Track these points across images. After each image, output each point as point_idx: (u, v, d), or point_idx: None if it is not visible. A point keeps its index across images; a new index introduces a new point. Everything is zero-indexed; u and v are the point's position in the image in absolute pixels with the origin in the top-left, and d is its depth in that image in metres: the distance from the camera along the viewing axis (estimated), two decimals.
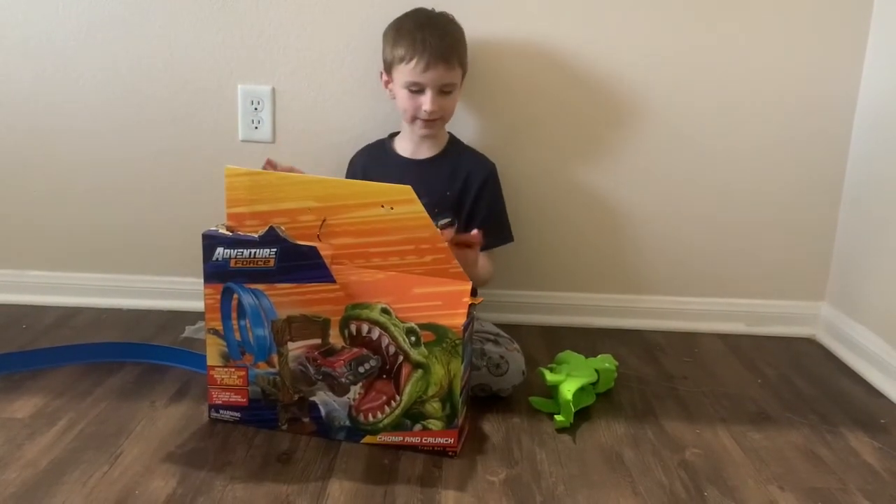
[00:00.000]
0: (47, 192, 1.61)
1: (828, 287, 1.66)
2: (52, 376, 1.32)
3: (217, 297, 1.15)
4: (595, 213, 1.62)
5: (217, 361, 1.18)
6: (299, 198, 1.11)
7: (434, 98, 1.35)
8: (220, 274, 1.14)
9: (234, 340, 1.16)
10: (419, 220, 1.08)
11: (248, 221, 1.14)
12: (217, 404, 1.20)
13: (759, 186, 1.61)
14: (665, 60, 1.54)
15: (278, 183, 1.13)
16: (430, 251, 1.10)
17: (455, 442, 1.13)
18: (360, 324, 1.12)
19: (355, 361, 1.13)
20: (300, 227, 1.12)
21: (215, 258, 1.14)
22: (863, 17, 1.53)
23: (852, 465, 1.16)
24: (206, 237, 1.14)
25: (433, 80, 1.34)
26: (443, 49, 1.33)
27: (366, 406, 1.14)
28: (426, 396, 1.12)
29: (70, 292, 1.65)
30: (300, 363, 1.15)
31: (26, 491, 1.00)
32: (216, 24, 1.52)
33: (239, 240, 1.13)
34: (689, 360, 1.53)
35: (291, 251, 1.11)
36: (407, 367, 1.12)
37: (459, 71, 1.37)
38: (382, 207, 1.08)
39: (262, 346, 1.15)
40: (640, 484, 1.08)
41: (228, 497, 1.01)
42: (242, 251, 1.12)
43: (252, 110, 1.56)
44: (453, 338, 1.09)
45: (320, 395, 1.16)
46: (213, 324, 1.16)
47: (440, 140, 1.44)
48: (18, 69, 1.55)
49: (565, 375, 1.27)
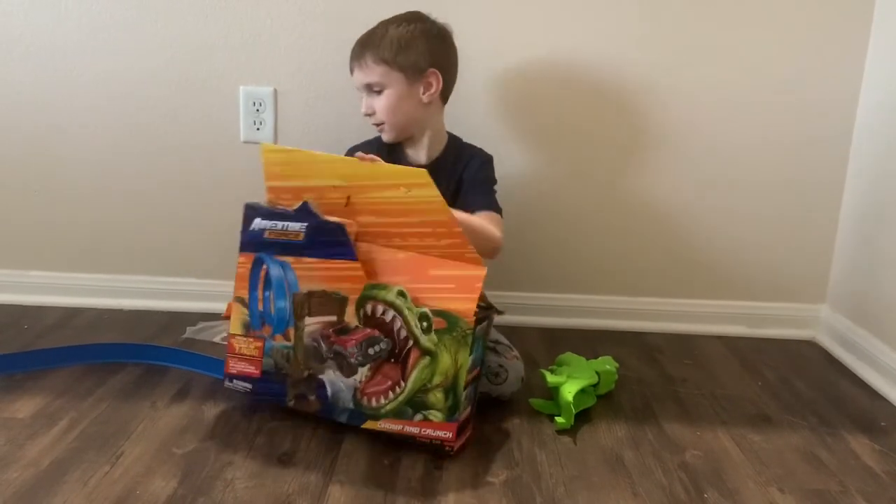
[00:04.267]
0: (48, 192, 1.62)
1: (828, 289, 1.66)
2: (53, 376, 1.32)
3: (248, 266, 1.19)
4: (595, 214, 1.63)
5: (239, 330, 1.22)
6: (327, 175, 1.16)
7: (364, 100, 1.36)
8: (254, 243, 1.18)
9: (256, 310, 1.20)
10: (435, 204, 1.11)
11: (284, 196, 1.19)
12: (232, 374, 1.23)
13: (759, 189, 1.61)
14: (666, 63, 1.54)
15: (308, 161, 1.18)
16: (446, 235, 1.12)
17: (453, 436, 1.12)
18: (376, 304, 1.14)
19: (366, 342, 1.15)
20: (328, 203, 1.16)
21: (252, 228, 1.18)
22: (864, 18, 1.53)
23: (852, 468, 1.16)
24: (248, 207, 1.19)
25: (356, 81, 1.36)
26: (357, 49, 1.34)
27: (371, 389, 1.15)
28: (430, 385, 1.12)
29: (71, 293, 1.65)
30: (314, 339, 1.17)
31: (27, 491, 1.00)
32: (217, 25, 1.53)
33: (275, 212, 1.17)
34: (690, 363, 1.53)
35: (320, 227, 1.15)
36: (415, 353, 1.13)
37: (380, 69, 1.31)
38: (401, 189, 1.11)
39: (282, 319, 1.18)
40: (640, 485, 1.08)
41: (229, 497, 1.01)
42: (276, 223, 1.17)
43: (254, 111, 1.56)
44: (464, 327, 1.10)
45: (329, 374, 1.17)
46: (241, 293, 1.21)
47: (438, 142, 1.41)
48: (20, 69, 1.55)
49: (566, 377, 1.28)
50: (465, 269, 1.13)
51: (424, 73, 1.32)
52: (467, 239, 1.12)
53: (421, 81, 1.33)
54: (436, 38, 1.34)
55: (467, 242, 1.12)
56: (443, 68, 1.34)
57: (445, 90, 1.37)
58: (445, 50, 1.37)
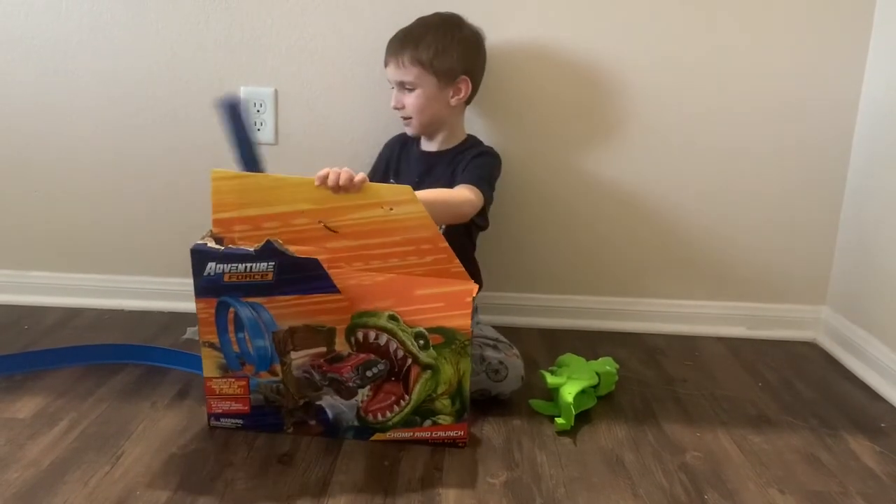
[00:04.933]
0: (49, 192, 1.62)
1: (829, 291, 1.66)
2: (53, 377, 1.32)
3: (211, 311, 1.11)
4: (595, 215, 1.63)
5: (214, 373, 1.15)
6: (292, 200, 1.08)
7: (395, 94, 1.40)
8: (213, 289, 1.09)
9: (232, 353, 1.13)
10: (420, 220, 1.07)
11: (237, 227, 1.10)
12: (217, 413, 1.17)
13: (760, 189, 1.61)
14: (667, 63, 1.54)
15: (269, 185, 1.09)
16: (430, 251, 1.09)
17: (465, 434, 1.14)
18: (367, 331, 1.11)
19: (362, 366, 1.12)
20: (293, 230, 1.09)
21: (207, 273, 1.09)
22: (865, 18, 1.53)
23: (852, 469, 1.16)
24: (195, 252, 1.08)
25: (390, 76, 1.39)
26: (394, 47, 1.38)
27: (374, 407, 1.15)
28: (435, 395, 1.13)
29: (71, 293, 1.65)
30: (305, 371, 1.13)
31: (28, 491, 1.00)
32: (218, 26, 1.53)
33: (232, 254, 1.08)
34: (690, 364, 1.53)
35: (291, 264, 1.08)
36: (416, 369, 1.12)
37: (416, 70, 1.35)
38: (382, 208, 1.07)
39: (264, 357, 1.13)
40: (640, 487, 1.08)
41: (229, 498, 1.01)
42: (237, 265, 1.08)
43: (254, 112, 1.56)
44: (462, 339, 1.10)
45: (327, 399, 1.15)
46: (209, 337, 1.12)
47: (455, 138, 1.44)
48: (20, 70, 1.55)
49: (566, 378, 1.28)
50: (452, 285, 1.09)
51: (456, 79, 1.37)
52: (452, 253, 1.10)
53: (452, 86, 1.38)
54: (472, 46, 1.40)
55: (453, 257, 1.09)
56: (473, 75, 1.40)
57: (472, 95, 1.42)
58: (478, 58, 1.43)
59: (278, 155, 1.58)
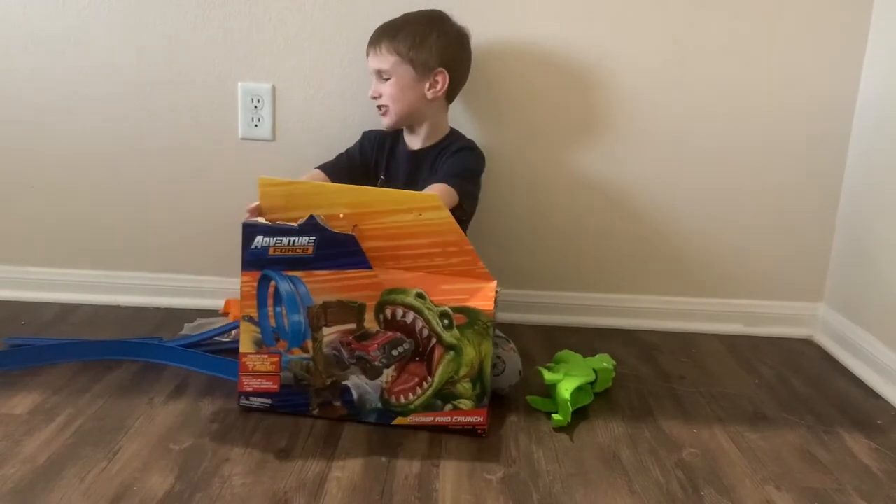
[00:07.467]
0: (46, 188, 1.61)
1: (826, 288, 1.67)
2: (50, 372, 1.32)
3: (254, 284, 1.17)
4: (593, 213, 1.63)
5: (250, 349, 1.19)
6: (332, 205, 1.16)
7: (373, 82, 1.42)
8: (258, 262, 1.16)
9: (268, 327, 1.18)
10: (447, 225, 1.14)
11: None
12: (247, 391, 1.21)
13: (757, 187, 1.61)
14: (663, 61, 1.54)
15: (312, 191, 1.19)
16: (456, 253, 1.15)
17: (484, 420, 1.17)
18: (395, 308, 1.15)
19: (389, 345, 1.16)
20: (333, 228, 1.16)
21: (254, 246, 1.16)
22: (862, 16, 1.53)
23: (849, 466, 1.16)
24: (246, 226, 1.16)
25: (369, 65, 1.42)
26: (375, 36, 1.40)
27: (398, 388, 1.18)
28: (457, 377, 1.16)
29: (68, 289, 1.65)
30: (334, 348, 1.18)
31: (25, 486, 1.00)
32: (216, 22, 1.52)
33: (278, 228, 1.15)
34: (687, 361, 1.53)
35: (330, 239, 1.14)
36: (439, 350, 1.15)
37: (392, 59, 1.37)
38: (412, 214, 1.14)
39: (297, 332, 1.18)
40: (636, 483, 1.09)
41: (226, 493, 1.01)
42: (282, 239, 1.15)
43: (252, 108, 1.56)
44: (485, 320, 1.14)
45: (353, 378, 1.18)
46: (249, 311, 1.18)
47: (437, 134, 1.44)
48: (17, 65, 1.55)
49: (563, 375, 1.28)
50: (476, 283, 1.16)
51: (433, 71, 1.38)
52: (477, 256, 1.15)
53: (428, 78, 1.38)
54: (452, 41, 1.41)
55: (477, 259, 1.15)
56: (452, 69, 1.40)
57: (452, 90, 1.42)
58: (458, 53, 1.42)
59: (276, 151, 1.58)
